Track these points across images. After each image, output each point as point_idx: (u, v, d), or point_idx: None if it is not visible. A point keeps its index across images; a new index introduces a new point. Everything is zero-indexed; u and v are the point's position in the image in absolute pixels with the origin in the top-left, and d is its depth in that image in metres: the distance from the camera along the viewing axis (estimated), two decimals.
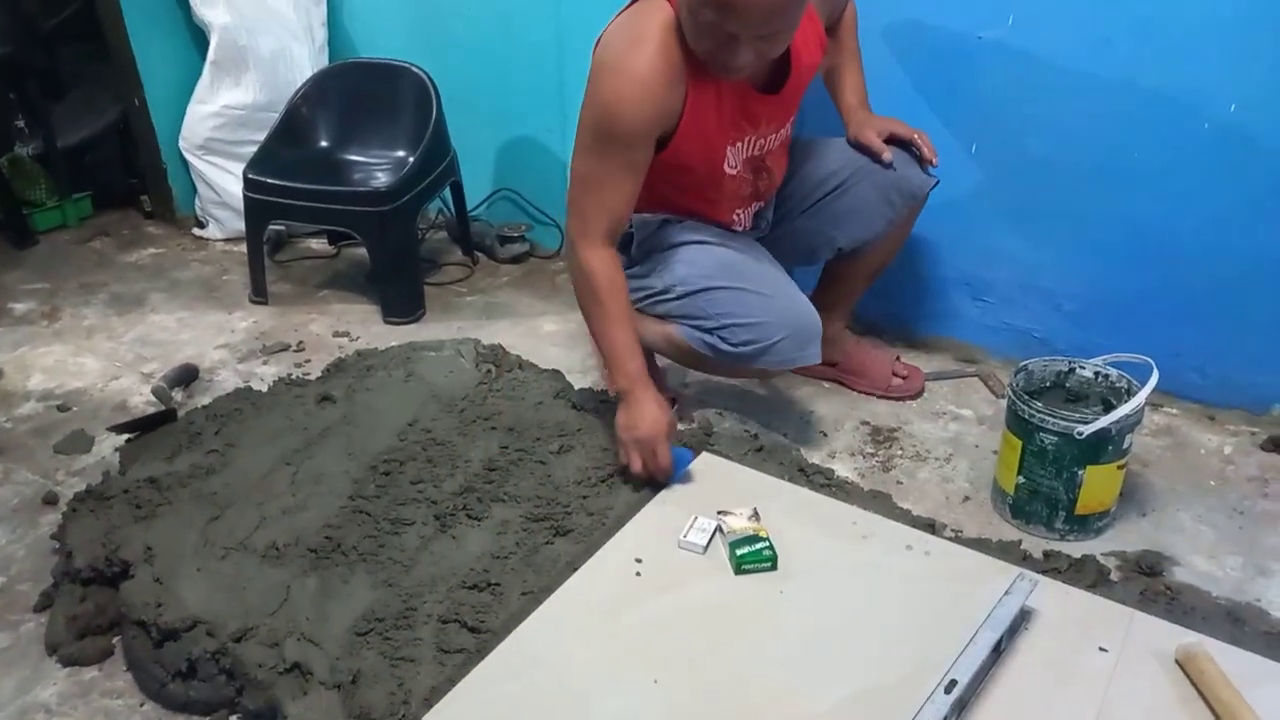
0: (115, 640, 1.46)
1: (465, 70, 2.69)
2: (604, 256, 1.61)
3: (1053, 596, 1.38)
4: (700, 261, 1.71)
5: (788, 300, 1.68)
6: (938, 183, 1.85)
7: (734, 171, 1.71)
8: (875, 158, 1.79)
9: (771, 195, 1.85)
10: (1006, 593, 1.32)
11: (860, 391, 2.04)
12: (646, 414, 1.56)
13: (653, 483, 1.60)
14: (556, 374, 1.98)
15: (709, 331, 1.69)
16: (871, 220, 1.83)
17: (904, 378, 2.04)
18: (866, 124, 1.83)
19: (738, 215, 1.79)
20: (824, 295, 1.99)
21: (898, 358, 2.08)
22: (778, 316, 1.64)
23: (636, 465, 1.58)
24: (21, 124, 3.07)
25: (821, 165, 1.85)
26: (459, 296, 2.61)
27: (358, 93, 2.71)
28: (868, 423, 1.96)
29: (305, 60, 2.84)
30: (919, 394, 2.04)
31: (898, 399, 2.02)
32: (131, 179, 3.19)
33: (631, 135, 1.55)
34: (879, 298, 2.13)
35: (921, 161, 1.82)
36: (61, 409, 2.12)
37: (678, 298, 1.72)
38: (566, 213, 1.66)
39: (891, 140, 1.81)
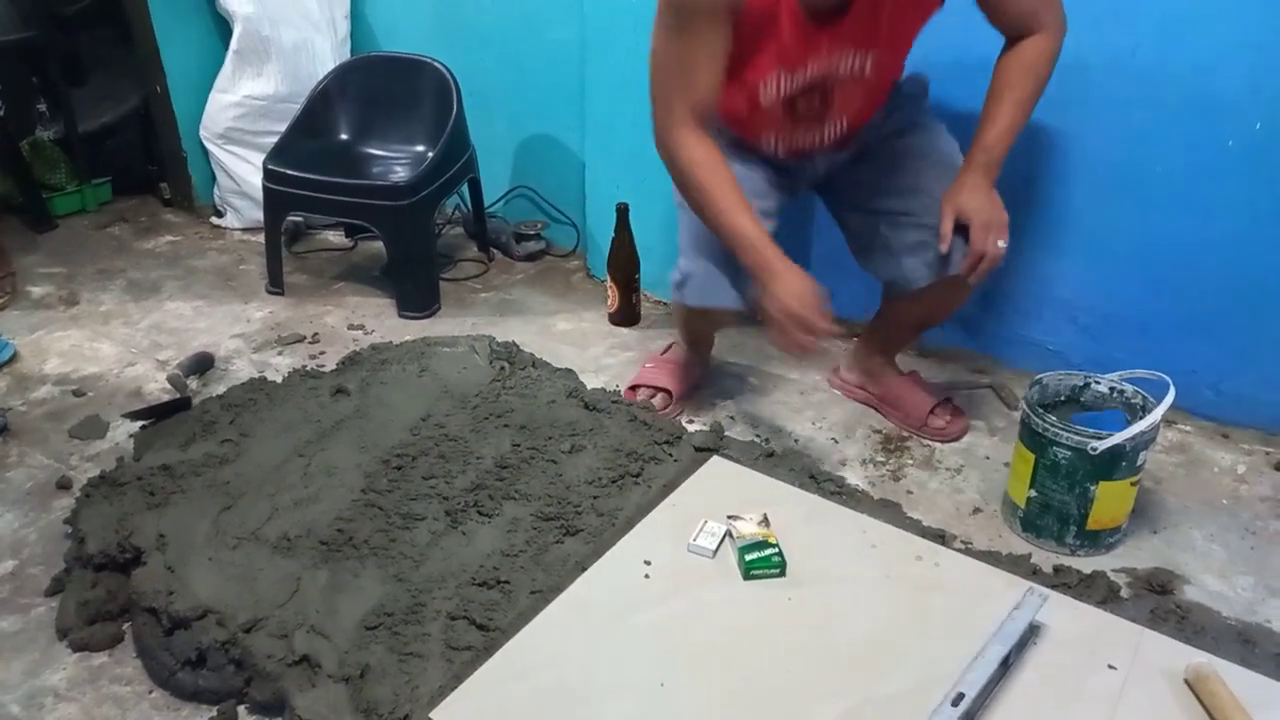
0: (125, 627, 1.47)
1: (486, 66, 2.69)
2: (695, 142, 1.54)
3: (1062, 612, 1.38)
4: None
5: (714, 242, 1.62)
6: (954, 279, 1.64)
7: (772, 96, 1.60)
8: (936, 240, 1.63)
9: (831, 132, 1.69)
10: (1016, 607, 1.32)
11: (895, 423, 1.97)
12: (791, 288, 1.52)
13: (807, 356, 1.60)
14: (569, 373, 1.99)
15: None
16: (898, 270, 1.72)
17: (945, 421, 1.92)
18: (959, 196, 1.60)
19: (769, 140, 1.71)
20: (873, 323, 1.98)
21: (948, 400, 1.95)
22: (696, 248, 1.67)
23: (789, 342, 1.55)
24: (43, 108, 3.09)
25: (902, 180, 1.70)
26: (474, 293, 2.62)
27: (379, 86, 2.71)
28: (879, 431, 1.96)
29: (327, 52, 2.85)
30: (957, 438, 1.92)
31: (930, 440, 1.92)
32: (151, 166, 3.21)
33: (709, 9, 1.48)
34: None
35: (949, 261, 1.64)
36: (77, 394, 2.14)
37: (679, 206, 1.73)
38: (651, 109, 1.58)
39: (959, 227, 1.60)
